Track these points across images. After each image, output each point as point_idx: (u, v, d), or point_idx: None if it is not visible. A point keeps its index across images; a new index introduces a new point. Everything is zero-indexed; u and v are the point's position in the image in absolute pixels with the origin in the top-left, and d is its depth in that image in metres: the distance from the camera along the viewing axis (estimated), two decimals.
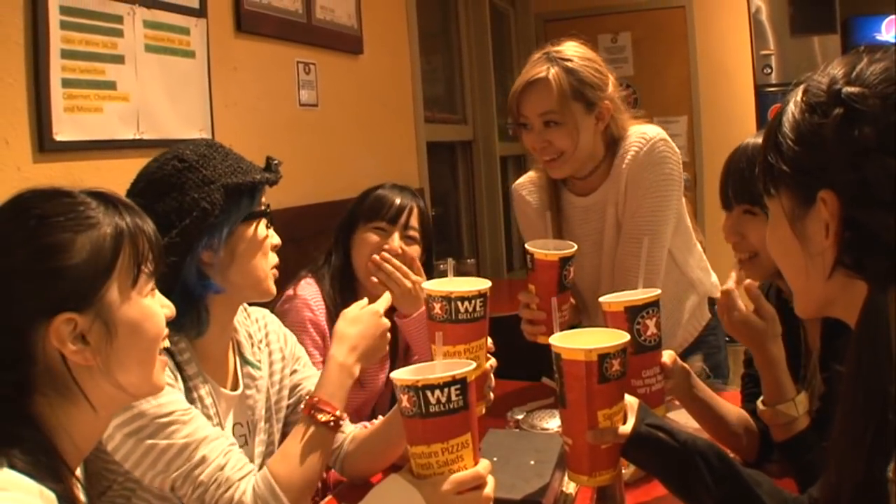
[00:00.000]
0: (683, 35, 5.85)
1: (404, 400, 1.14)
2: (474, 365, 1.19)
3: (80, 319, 0.97)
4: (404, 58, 3.83)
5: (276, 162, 1.46)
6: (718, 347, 2.24)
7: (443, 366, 1.18)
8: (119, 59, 2.06)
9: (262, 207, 1.46)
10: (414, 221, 2.09)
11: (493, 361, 1.54)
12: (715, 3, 5.73)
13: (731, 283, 1.47)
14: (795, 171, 0.87)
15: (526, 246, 1.79)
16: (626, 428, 1.20)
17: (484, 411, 1.51)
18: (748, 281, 1.47)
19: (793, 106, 0.88)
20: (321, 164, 2.98)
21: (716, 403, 1.54)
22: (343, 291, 2.04)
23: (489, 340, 1.49)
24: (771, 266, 1.43)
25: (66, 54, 1.91)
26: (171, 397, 1.30)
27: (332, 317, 1.97)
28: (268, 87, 2.71)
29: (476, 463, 1.18)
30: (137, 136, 2.10)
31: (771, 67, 5.52)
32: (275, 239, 1.49)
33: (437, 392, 1.12)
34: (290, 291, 2.02)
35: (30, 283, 0.95)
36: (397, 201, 2.08)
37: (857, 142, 0.81)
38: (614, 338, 1.21)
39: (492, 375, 1.55)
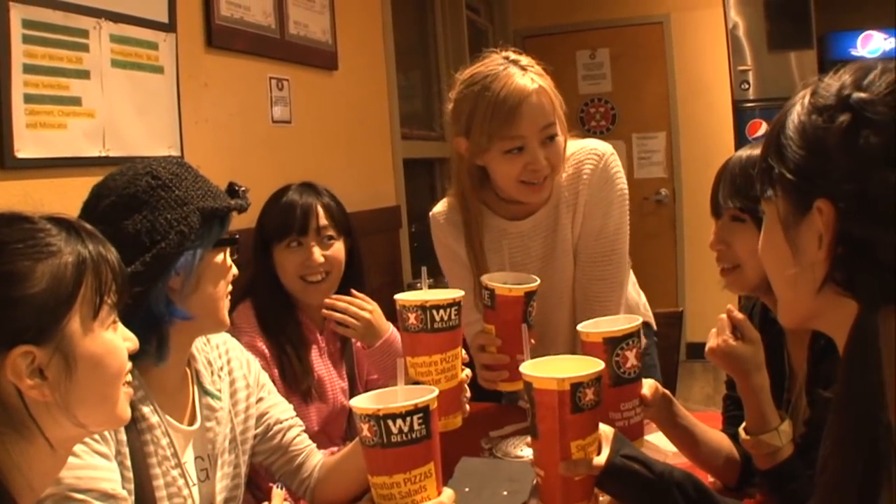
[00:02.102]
0: (661, 51, 5.92)
1: (364, 429, 1.11)
2: (437, 392, 1.15)
3: (39, 353, 0.92)
4: (380, 73, 3.80)
5: (242, 189, 1.41)
6: (654, 366, 2.18)
7: (405, 392, 1.15)
8: (84, 75, 2.01)
9: (231, 235, 1.41)
10: (324, 220, 2.03)
11: (468, 371, 1.50)
12: (692, 20, 5.80)
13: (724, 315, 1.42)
14: (795, 176, 0.83)
15: (483, 280, 1.67)
16: (601, 459, 1.16)
17: (461, 422, 1.48)
18: (729, 307, 1.41)
19: (799, 108, 0.85)
20: (295, 182, 2.92)
21: (697, 430, 1.50)
22: (277, 310, 2.01)
23: (463, 351, 1.46)
24: (753, 279, 1.41)
25: (28, 69, 1.85)
26: (99, 472, 1.18)
27: (271, 337, 1.98)
28: (240, 103, 2.66)
29: (440, 493, 1.15)
30: (103, 154, 2.04)
31: (748, 83, 5.58)
32: (234, 269, 1.44)
33: (399, 421, 1.09)
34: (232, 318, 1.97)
35: None
36: (298, 209, 2.01)
37: (861, 151, 0.77)
38: (588, 366, 1.18)
39: (467, 386, 1.51)
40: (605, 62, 6.08)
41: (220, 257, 1.38)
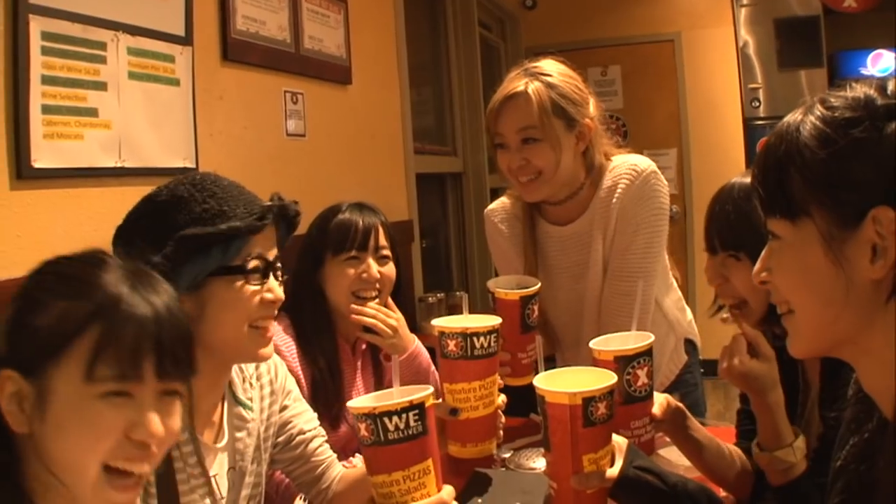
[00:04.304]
0: (672, 69, 5.95)
1: (362, 429, 1.12)
2: (431, 389, 1.17)
3: (22, 383, 0.90)
4: (394, 88, 3.82)
5: (279, 202, 1.36)
6: (695, 385, 2.18)
7: (400, 392, 1.17)
8: (101, 86, 2.03)
9: (251, 259, 1.30)
10: (383, 240, 2.02)
11: (503, 398, 1.51)
12: (703, 38, 5.82)
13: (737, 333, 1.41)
14: (834, 190, 0.83)
15: (488, 284, 1.75)
16: (614, 471, 1.16)
17: (495, 449, 1.51)
18: (742, 324, 1.41)
19: (817, 123, 0.84)
20: (308, 195, 2.89)
21: (711, 443, 1.49)
22: (319, 330, 1.97)
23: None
24: (760, 312, 1.40)
25: (46, 80, 1.87)
26: None
27: (306, 354, 1.93)
28: (254, 116, 2.68)
29: (440, 489, 1.17)
30: (119, 164, 2.06)
31: (759, 101, 5.61)
32: (269, 294, 1.33)
33: (395, 419, 1.11)
34: None
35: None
36: (361, 224, 1.99)
37: None
38: (600, 379, 1.18)
39: (501, 412, 1.52)
40: (616, 79, 6.10)
41: (226, 285, 1.29)
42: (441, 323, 1.43)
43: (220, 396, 1.42)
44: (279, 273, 1.36)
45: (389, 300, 2.02)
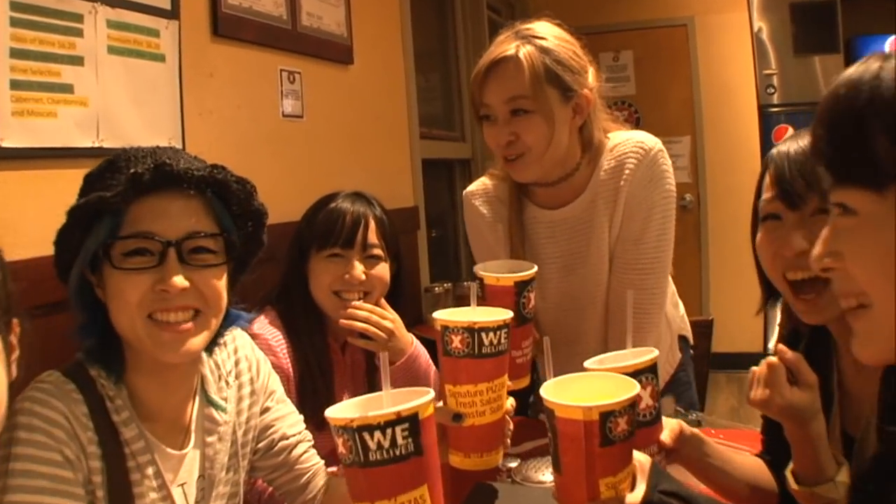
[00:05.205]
0: (686, 54, 5.83)
1: (339, 444, 0.93)
2: (430, 396, 0.96)
3: None
4: (398, 69, 3.66)
5: (154, 163, 1.11)
6: (689, 383, 2.00)
7: (391, 397, 0.97)
8: (77, 61, 1.87)
9: (130, 239, 1.11)
10: (373, 237, 1.82)
11: (512, 401, 1.32)
12: (717, 23, 5.71)
13: (773, 357, 1.19)
14: None
15: (475, 269, 1.52)
16: (636, 497, 1.00)
17: (500, 460, 1.31)
18: (781, 346, 1.19)
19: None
20: (306, 179, 2.79)
21: (730, 467, 1.31)
22: (309, 325, 1.80)
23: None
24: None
25: (15, 54, 1.72)
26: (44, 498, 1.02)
27: (297, 352, 1.76)
28: (248, 95, 2.53)
29: None
30: (97, 144, 1.91)
31: (774, 87, 5.48)
32: (161, 283, 1.11)
33: (378, 434, 0.90)
34: (248, 329, 1.78)
35: None
36: (348, 218, 1.80)
37: None
38: (620, 389, 1.00)
39: (509, 418, 1.33)
40: (628, 65, 5.98)
41: (120, 268, 1.11)
42: (444, 316, 1.22)
43: (188, 395, 1.26)
44: (194, 255, 1.16)
45: (382, 300, 1.83)
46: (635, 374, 1.14)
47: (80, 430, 1.09)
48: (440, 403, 1.25)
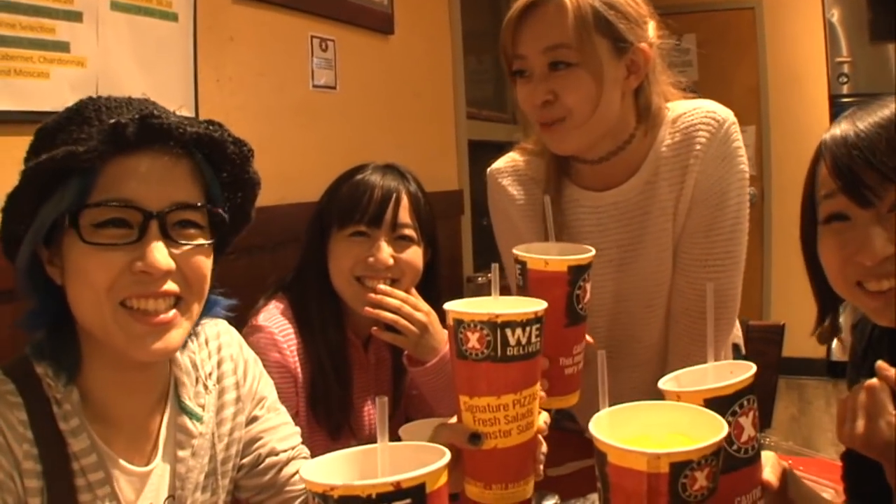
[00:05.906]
0: (752, 38, 5.61)
1: None
2: (445, 461, 0.73)
3: None
4: (444, 43, 3.46)
5: (140, 113, 0.92)
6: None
7: (389, 454, 0.75)
8: (75, 17, 1.71)
9: (104, 206, 0.92)
10: (404, 215, 1.58)
11: (546, 417, 1.03)
12: (786, 6, 5.46)
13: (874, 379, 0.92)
14: None
15: (514, 251, 1.17)
16: None
17: (532, 491, 1.01)
18: (880, 363, 0.91)
19: None
20: (337, 156, 2.58)
21: None
22: (323, 316, 1.58)
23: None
24: None
25: (2, 7, 1.57)
26: None
27: (308, 348, 1.56)
28: (273, 62, 2.35)
29: None
30: None
31: (847, 76, 5.22)
32: (163, 261, 0.93)
33: None
34: (254, 319, 1.56)
35: None
36: (377, 192, 1.56)
37: None
38: (701, 427, 0.75)
39: (542, 438, 1.02)
40: (691, 49, 5.73)
41: (87, 241, 0.93)
42: (458, 307, 0.95)
43: (157, 401, 1.07)
44: (179, 230, 0.97)
45: (413, 290, 1.60)
46: (735, 396, 0.88)
47: (13, 442, 0.90)
48: (454, 419, 1.00)
